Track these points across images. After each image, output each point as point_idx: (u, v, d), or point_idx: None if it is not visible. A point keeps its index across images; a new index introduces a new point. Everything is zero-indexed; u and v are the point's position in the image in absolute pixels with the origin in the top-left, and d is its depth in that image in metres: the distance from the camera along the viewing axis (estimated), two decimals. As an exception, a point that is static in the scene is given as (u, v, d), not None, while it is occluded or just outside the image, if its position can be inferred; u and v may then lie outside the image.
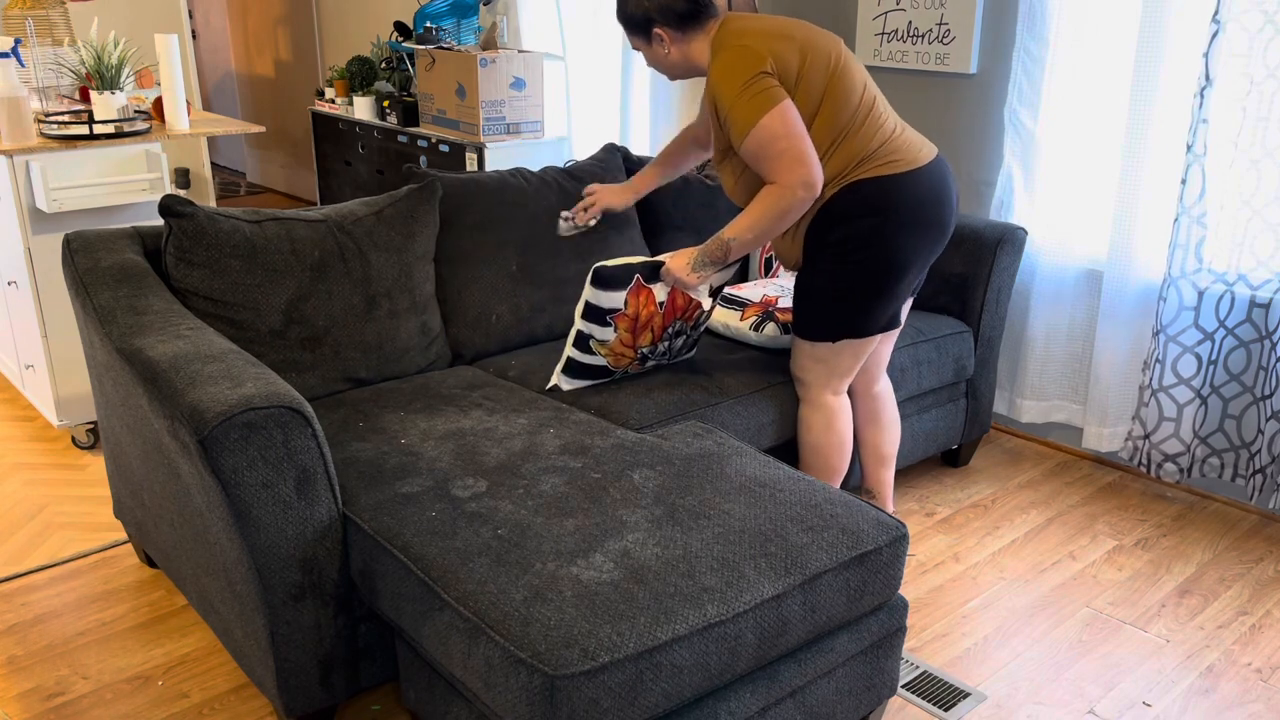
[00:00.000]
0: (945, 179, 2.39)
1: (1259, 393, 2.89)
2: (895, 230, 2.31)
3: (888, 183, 2.29)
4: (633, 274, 2.38)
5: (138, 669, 2.26)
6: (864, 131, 2.30)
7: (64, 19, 3.75)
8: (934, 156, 2.39)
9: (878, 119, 2.33)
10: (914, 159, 2.33)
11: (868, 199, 2.29)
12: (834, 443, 2.56)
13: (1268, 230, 2.78)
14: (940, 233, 2.39)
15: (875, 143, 2.31)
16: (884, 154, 2.31)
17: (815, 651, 1.85)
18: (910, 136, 2.38)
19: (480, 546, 1.75)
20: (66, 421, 3.25)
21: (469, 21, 4.80)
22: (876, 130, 2.32)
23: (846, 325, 2.41)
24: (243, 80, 7.32)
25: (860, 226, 2.31)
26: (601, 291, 2.37)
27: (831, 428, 2.54)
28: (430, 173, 2.71)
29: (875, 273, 2.34)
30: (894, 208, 2.29)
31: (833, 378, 2.50)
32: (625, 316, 2.40)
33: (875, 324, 2.42)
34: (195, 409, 1.77)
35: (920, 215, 2.32)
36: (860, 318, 2.40)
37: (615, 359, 2.48)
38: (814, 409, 2.55)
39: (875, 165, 2.30)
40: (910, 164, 2.32)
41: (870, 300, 2.38)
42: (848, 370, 2.50)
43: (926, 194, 2.33)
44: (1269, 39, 2.67)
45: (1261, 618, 2.52)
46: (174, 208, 2.30)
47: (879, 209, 2.29)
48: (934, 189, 2.35)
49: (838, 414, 2.54)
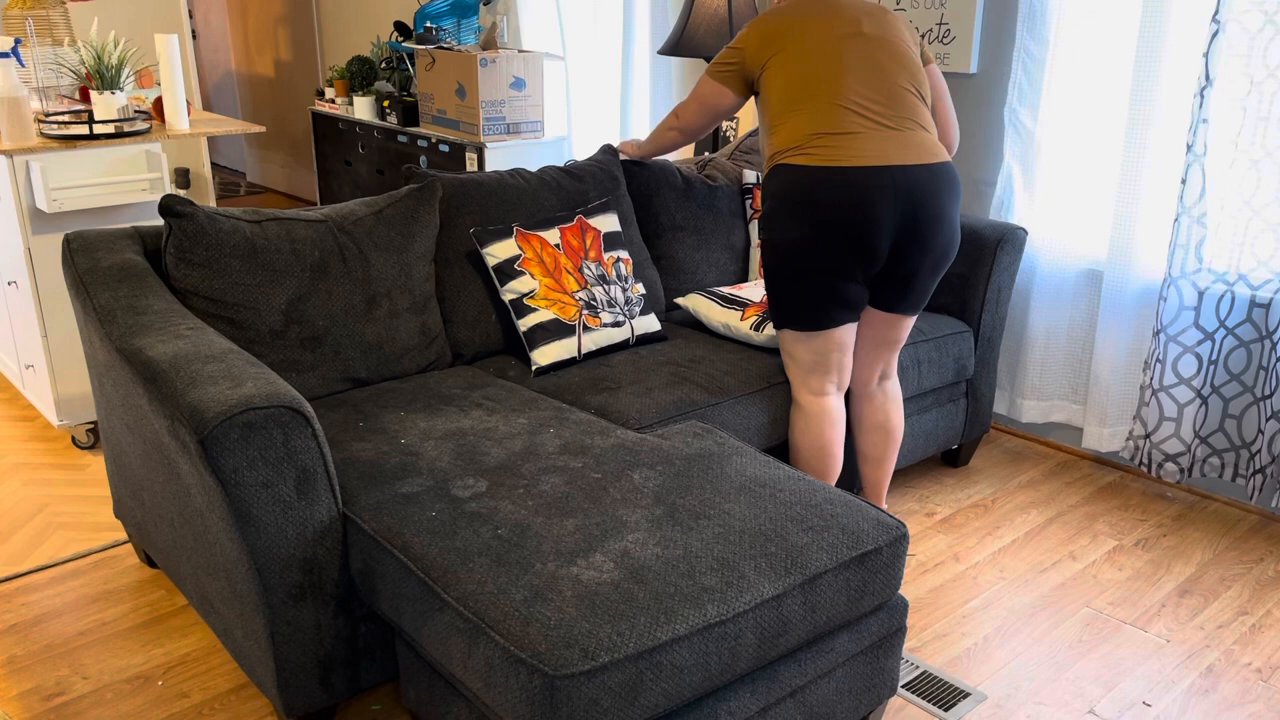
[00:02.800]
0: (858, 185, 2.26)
1: (1259, 393, 2.89)
2: (785, 219, 2.34)
3: (792, 171, 2.33)
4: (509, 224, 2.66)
5: (138, 669, 2.26)
6: (806, 119, 2.34)
7: (64, 19, 3.75)
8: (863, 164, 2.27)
9: (823, 112, 2.32)
10: (835, 158, 2.28)
11: (775, 183, 2.36)
12: (810, 445, 2.53)
13: (1268, 230, 2.78)
14: (843, 239, 2.28)
15: (810, 130, 2.32)
16: (812, 144, 2.31)
17: (815, 651, 1.85)
18: (860, 140, 2.28)
19: (480, 546, 1.75)
20: (66, 421, 3.25)
21: (469, 21, 4.80)
22: (814, 121, 2.33)
23: (780, 314, 2.47)
24: (243, 80, 7.32)
25: (769, 208, 2.39)
26: (489, 248, 2.62)
27: (808, 429, 2.53)
28: (430, 173, 2.71)
29: (772, 257, 2.41)
30: (787, 197, 2.33)
31: (806, 374, 2.51)
32: (529, 260, 2.62)
33: (805, 319, 2.43)
34: (195, 409, 1.77)
35: (809, 212, 2.29)
36: (787, 308, 2.44)
37: (559, 307, 2.61)
38: (794, 407, 2.57)
39: (796, 153, 2.33)
40: (828, 160, 2.28)
41: (786, 289, 2.41)
42: (814, 366, 2.48)
43: (823, 194, 2.27)
44: (1269, 39, 2.67)
45: (1261, 618, 2.52)
46: (174, 208, 2.30)
47: (777, 194, 2.36)
48: (834, 191, 2.26)
49: (816, 416, 2.51)
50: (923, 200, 2.31)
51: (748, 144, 3.44)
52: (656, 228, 3.11)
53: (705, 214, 3.18)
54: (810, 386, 2.52)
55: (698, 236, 3.15)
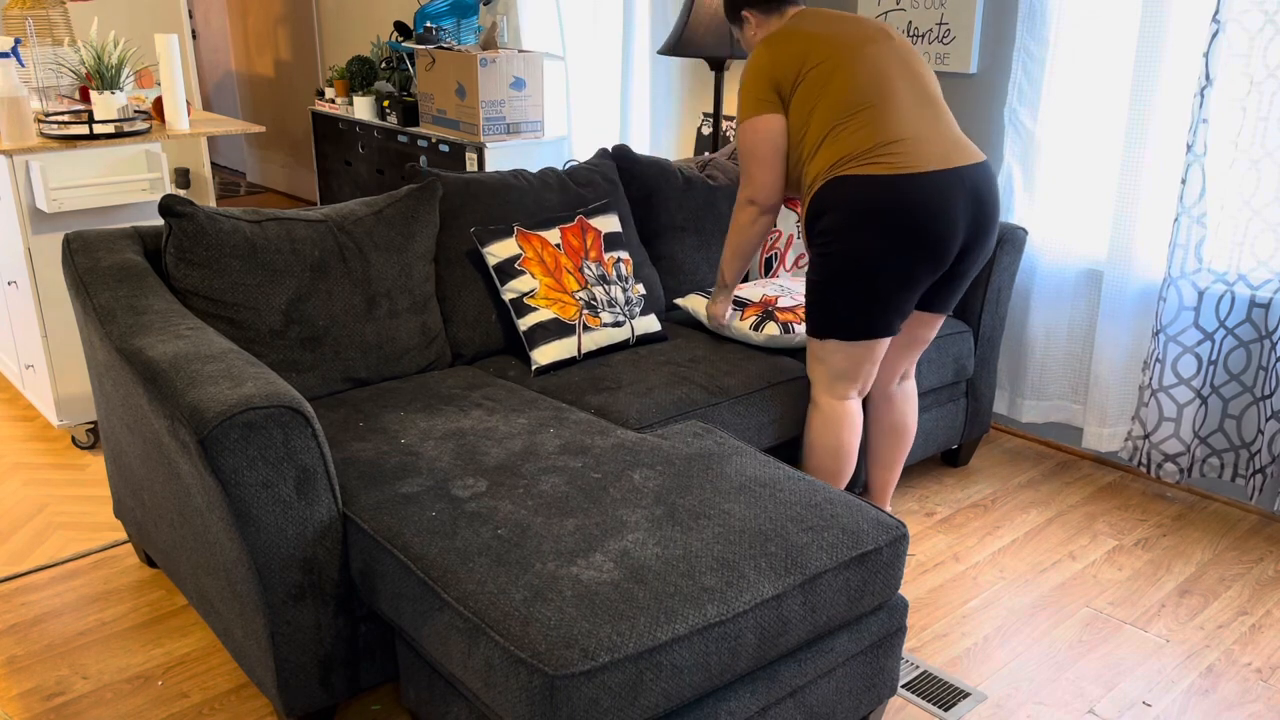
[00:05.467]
0: (938, 191, 2.25)
1: (1259, 393, 2.89)
2: (859, 229, 2.26)
3: (865, 181, 2.25)
4: (510, 224, 2.66)
5: (138, 669, 2.26)
6: (859, 129, 2.28)
7: (64, 19, 3.75)
8: (944, 167, 2.27)
9: (881, 119, 2.28)
10: (909, 164, 2.25)
11: (842, 194, 2.27)
12: (829, 446, 2.51)
13: (1268, 230, 2.78)
14: (920, 246, 2.27)
15: (869, 142, 2.27)
16: (875, 154, 2.26)
17: (815, 651, 1.85)
18: (925, 145, 2.28)
19: (480, 546, 1.75)
20: (66, 421, 3.25)
21: (469, 21, 4.80)
22: (876, 130, 2.27)
23: (829, 324, 2.39)
24: (243, 80, 7.32)
25: (832, 221, 2.29)
26: (489, 248, 2.62)
27: (827, 430, 2.51)
28: (431, 172, 2.71)
29: (844, 271, 2.31)
30: (862, 206, 2.25)
31: (833, 380, 2.47)
32: (529, 260, 2.62)
33: (856, 327, 2.37)
34: (195, 409, 1.77)
35: (889, 220, 2.24)
36: (836, 316, 2.37)
37: (559, 307, 2.60)
38: (814, 408, 2.53)
39: (861, 163, 2.26)
40: (902, 168, 2.24)
41: (846, 300, 2.34)
42: (845, 374, 2.45)
43: (903, 201, 2.23)
44: (1269, 39, 2.67)
45: (1261, 618, 2.52)
46: (174, 208, 2.30)
47: (848, 205, 2.26)
48: (914, 197, 2.24)
49: (837, 419, 2.50)
50: (985, 200, 2.33)
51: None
52: (656, 228, 3.11)
53: (705, 214, 3.18)
54: (835, 391, 2.49)
55: (698, 237, 3.16)
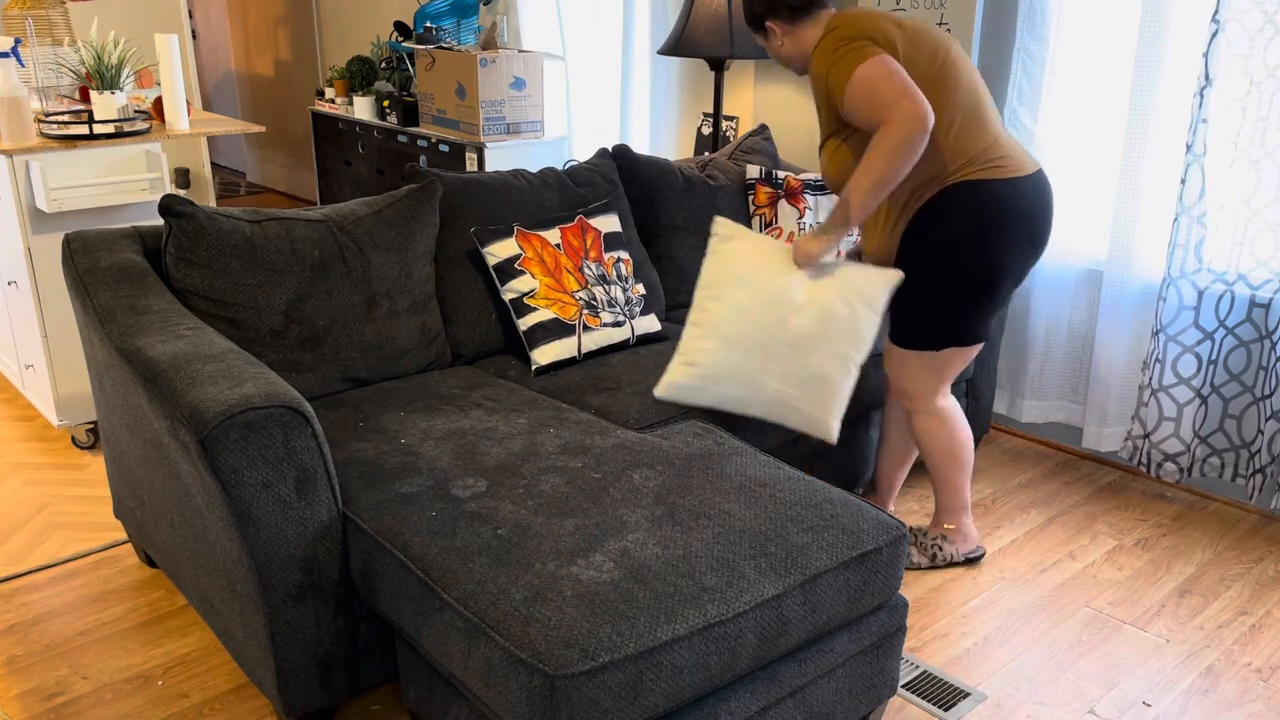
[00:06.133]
0: (1046, 192, 2.35)
1: (1259, 392, 2.89)
2: (994, 237, 2.28)
3: (993, 187, 2.27)
4: (510, 224, 2.65)
5: (138, 669, 2.26)
6: (971, 130, 2.28)
7: (64, 19, 3.75)
8: (1038, 168, 2.35)
9: (985, 120, 2.31)
10: (1019, 167, 2.31)
11: (970, 201, 2.27)
12: (961, 439, 2.54)
13: (1268, 230, 2.78)
14: (1033, 247, 2.35)
15: (982, 144, 2.28)
16: (990, 157, 2.28)
17: (815, 651, 1.85)
18: (1016, 147, 2.35)
19: (480, 546, 1.75)
20: (66, 421, 3.25)
21: (469, 21, 4.80)
22: (984, 131, 2.29)
23: (949, 332, 2.39)
24: (243, 80, 7.32)
25: (958, 227, 2.28)
26: (489, 248, 2.62)
27: (956, 430, 2.53)
28: (431, 172, 2.71)
29: (970, 278, 2.32)
30: (995, 214, 2.27)
31: (943, 383, 2.49)
32: (529, 260, 2.62)
33: (975, 332, 2.40)
34: (195, 409, 1.77)
35: (1019, 225, 2.30)
36: (959, 325, 2.38)
37: (559, 307, 2.60)
38: (930, 416, 2.52)
39: (980, 168, 2.27)
40: (1015, 171, 2.29)
41: (968, 307, 2.35)
42: (952, 374, 2.48)
43: (1028, 204, 2.30)
44: (1269, 39, 2.67)
45: (1261, 618, 2.52)
46: (174, 208, 2.30)
47: (979, 212, 2.27)
48: (1036, 201, 2.32)
49: (955, 416, 2.53)
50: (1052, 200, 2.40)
51: (748, 144, 3.44)
52: (656, 228, 3.11)
53: (705, 214, 3.18)
54: (943, 392, 2.51)
55: (698, 237, 3.15)
